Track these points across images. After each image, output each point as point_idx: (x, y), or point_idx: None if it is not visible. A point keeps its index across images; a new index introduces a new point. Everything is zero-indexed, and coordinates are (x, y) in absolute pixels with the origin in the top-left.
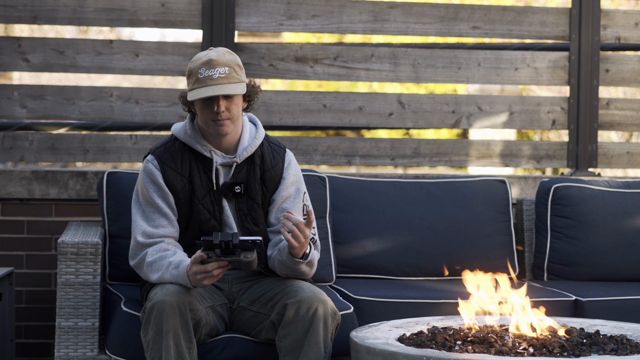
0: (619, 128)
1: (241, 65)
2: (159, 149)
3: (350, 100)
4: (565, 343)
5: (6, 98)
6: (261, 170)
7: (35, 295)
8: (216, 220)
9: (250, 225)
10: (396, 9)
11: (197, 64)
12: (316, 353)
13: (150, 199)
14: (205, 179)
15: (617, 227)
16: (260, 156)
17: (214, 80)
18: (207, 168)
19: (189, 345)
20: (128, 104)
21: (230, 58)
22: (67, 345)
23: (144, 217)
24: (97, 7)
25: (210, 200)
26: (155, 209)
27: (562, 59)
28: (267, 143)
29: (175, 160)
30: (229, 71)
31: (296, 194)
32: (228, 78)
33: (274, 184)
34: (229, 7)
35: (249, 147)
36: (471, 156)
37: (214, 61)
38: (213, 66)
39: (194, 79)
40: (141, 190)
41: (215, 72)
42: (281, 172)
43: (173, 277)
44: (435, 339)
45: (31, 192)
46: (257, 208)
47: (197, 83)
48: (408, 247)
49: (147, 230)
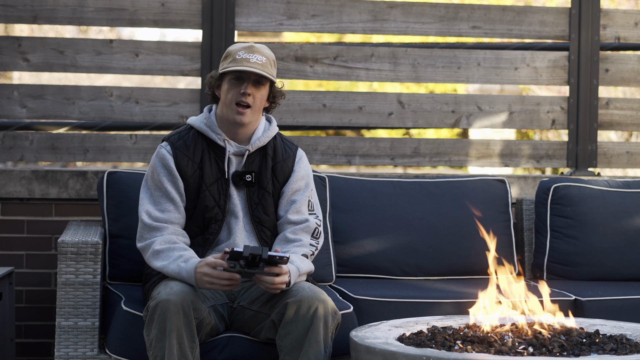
0: (618, 128)
1: (276, 64)
2: (174, 137)
3: (350, 100)
4: (565, 343)
5: (6, 98)
6: (273, 161)
7: (35, 295)
8: (220, 209)
9: (260, 214)
10: (396, 9)
11: (238, 47)
12: (316, 352)
13: (160, 182)
14: (215, 168)
15: (617, 227)
16: (273, 148)
17: (251, 63)
18: (219, 157)
19: (192, 345)
20: (128, 103)
21: (269, 53)
22: (67, 344)
23: (151, 200)
24: (97, 7)
25: (218, 188)
26: (163, 194)
27: (561, 59)
28: (280, 138)
29: (189, 146)
30: (265, 61)
31: (305, 188)
32: (263, 66)
33: (285, 176)
34: (229, 7)
35: (263, 137)
36: (471, 156)
37: (255, 48)
38: (253, 51)
39: (231, 58)
40: (151, 175)
41: (253, 57)
42: (292, 166)
43: (178, 269)
44: (435, 339)
45: (31, 191)
46: (267, 197)
47: (233, 62)
48: (408, 247)
49: (153, 213)
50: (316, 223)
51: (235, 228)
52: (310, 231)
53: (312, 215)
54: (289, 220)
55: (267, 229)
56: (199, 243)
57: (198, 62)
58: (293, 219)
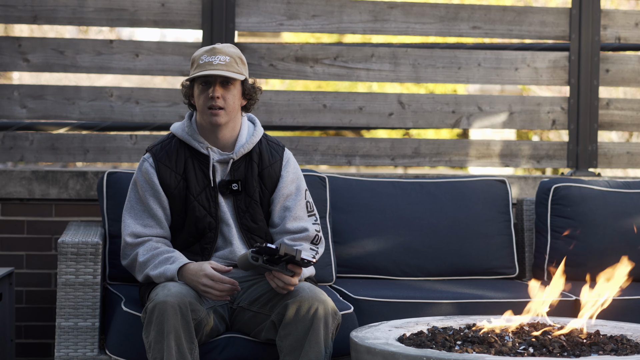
0: (619, 128)
1: (244, 60)
2: (156, 147)
3: (350, 100)
4: (565, 343)
5: (6, 98)
6: (259, 167)
7: (35, 295)
8: (212, 217)
9: (248, 222)
10: (396, 9)
11: (200, 52)
12: (317, 353)
13: (143, 197)
14: (201, 176)
15: (617, 227)
16: (259, 153)
17: (213, 65)
18: (203, 165)
19: (191, 346)
20: (128, 104)
21: (233, 50)
22: (67, 345)
23: (132, 215)
24: (97, 7)
25: (206, 196)
26: (146, 209)
27: (562, 59)
28: (266, 141)
29: (171, 157)
30: (229, 60)
31: (297, 192)
32: (227, 66)
33: (273, 181)
34: (229, 7)
35: (247, 144)
36: (471, 156)
37: (216, 49)
38: (214, 53)
39: (195, 64)
40: (135, 187)
41: (215, 59)
42: (279, 170)
43: (164, 270)
44: (435, 339)
45: (31, 192)
46: (255, 205)
47: (198, 68)
48: (408, 247)
49: (135, 230)
50: (316, 230)
51: (229, 235)
52: (310, 239)
53: (312, 218)
54: (287, 229)
55: (258, 236)
56: (197, 252)
57: None
58: (292, 228)
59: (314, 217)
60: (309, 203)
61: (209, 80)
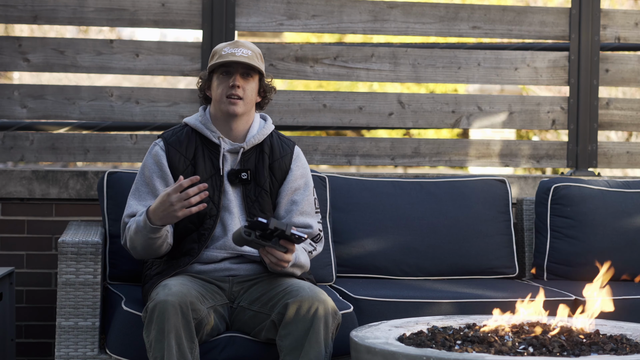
0: (618, 128)
1: (263, 58)
2: (167, 133)
3: (350, 100)
4: (565, 342)
5: (6, 98)
6: (270, 159)
7: (36, 295)
8: (214, 204)
9: (257, 212)
10: (396, 9)
11: (223, 45)
12: (317, 353)
13: (149, 178)
14: (209, 164)
15: (617, 227)
16: (270, 146)
17: (236, 57)
18: (213, 155)
19: (191, 345)
20: (128, 103)
21: (255, 47)
22: (68, 344)
23: (136, 196)
24: (97, 7)
25: (212, 184)
26: (150, 190)
27: (561, 59)
28: (277, 136)
29: (182, 143)
30: (251, 54)
31: (305, 187)
32: (249, 59)
33: (282, 174)
34: (229, 7)
35: (258, 135)
36: (471, 156)
37: (239, 43)
38: (238, 46)
39: (217, 56)
40: (143, 170)
41: (238, 51)
42: (289, 163)
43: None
44: (435, 339)
45: (31, 191)
46: (264, 195)
47: (220, 58)
48: (408, 247)
49: (135, 211)
50: (319, 229)
51: (230, 224)
52: (312, 236)
53: (318, 216)
54: (292, 223)
55: None
56: (194, 239)
57: (198, 62)
58: (297, 222)
59: (320, 216)
60: (316, 200)
61: (230, 71)
